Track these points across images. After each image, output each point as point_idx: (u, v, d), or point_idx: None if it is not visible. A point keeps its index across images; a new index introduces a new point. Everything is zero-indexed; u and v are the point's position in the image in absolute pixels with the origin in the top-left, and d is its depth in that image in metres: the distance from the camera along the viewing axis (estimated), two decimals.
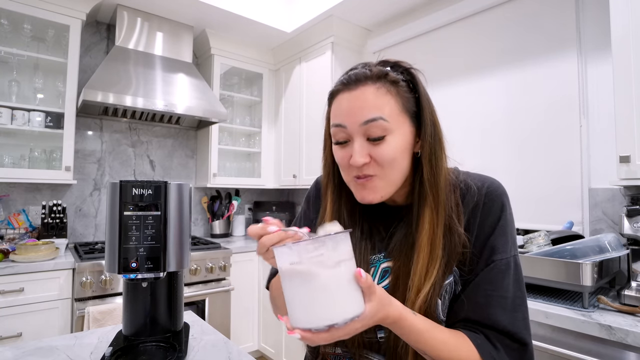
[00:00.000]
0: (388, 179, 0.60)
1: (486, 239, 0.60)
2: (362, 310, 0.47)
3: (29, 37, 2.17)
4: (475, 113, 1.98)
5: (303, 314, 0.46)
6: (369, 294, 0.47)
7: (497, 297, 0.57)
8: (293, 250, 0.46)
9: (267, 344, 2.53)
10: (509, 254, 0.59)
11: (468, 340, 0.56)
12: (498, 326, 0.56)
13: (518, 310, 0.58)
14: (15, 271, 1.72)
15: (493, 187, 0.63)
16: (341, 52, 2.55)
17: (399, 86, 0.60)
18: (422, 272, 0.58)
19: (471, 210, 0.62)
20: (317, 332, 0.45)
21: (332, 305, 0.45)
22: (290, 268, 0.46)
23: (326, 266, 0.45)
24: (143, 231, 0.81)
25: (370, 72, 0.59)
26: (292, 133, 2.86)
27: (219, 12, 2.45)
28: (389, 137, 0.58)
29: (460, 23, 2.08)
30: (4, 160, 2.10)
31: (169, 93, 2.31)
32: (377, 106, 0.57)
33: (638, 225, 1.26)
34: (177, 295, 0.93)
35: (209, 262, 2.25)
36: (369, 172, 0.59)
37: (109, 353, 0.79)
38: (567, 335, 1.11)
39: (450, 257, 0.59)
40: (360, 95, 0.58)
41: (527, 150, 1.77)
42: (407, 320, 0.52)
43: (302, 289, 0.46)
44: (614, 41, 1.29)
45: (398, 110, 0.59)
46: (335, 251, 0.46)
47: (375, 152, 0.58)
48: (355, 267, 0.48)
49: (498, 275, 0.58)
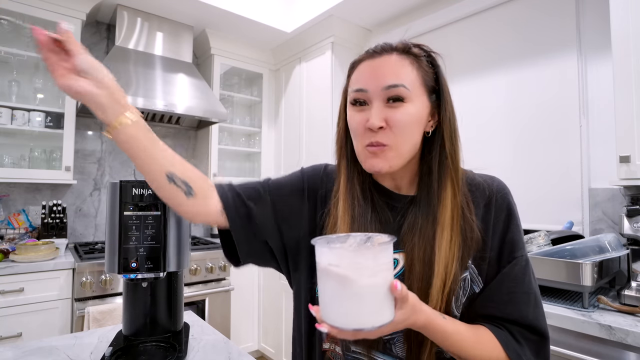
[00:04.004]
0: (399, 149, 0.60)
1: (504, 235, 0.61)
2: (392, 318, 0.47)
3: (29, 37, 2.17)
4: (475, 113, 1.98)
5: (334, 312, 0.47)
6: (401, 302, 0.48)
7: (521, 293, 0.59)
8: (333, 252, 0.46)
9: (267, 344, 2.53)
10: (525, 251, 0.62)
11: (493, 337, 0.57)
12: (524, 322, 0.58)
13: (539, 305, 0.60)
14: (15, 271, 1.72)
15: (501, 184, 0.65)
16: (341, 52, 2.55)
17: (421, 61, 0.61)
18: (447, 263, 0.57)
19: (484, 206, 0.62)
20: (343, 331, 0.46)
21: (363, 312, 0.46)
22: (328, 268, 0.46)
23: (364, 275, 0.45)
24: (143, 231, 0.81)
25: (394, 45, 0.62)
26: (292, 133, 2.86)
27: (219, 12, 2.45)
28: (407, 104, 0.59)
29: (460, 23, 2.08)
30: (4, 160, 2.10)
31: (169, 93, 2.31)
32: (399, 74, 0.59)
33: (638, 225, 1.26)
34: (177, 295, 0.93)
35: (209, 262, 2.25)
36: (382, 140, 0.59)
37: (109, 353, 0.79)
38: (567, 335, 1.11)
39: (464, 251, 0.59)
40: (384, 62, 0.60)
41: (527, 150, 1.77)
42: (436, 324, 0.53)
43: (336, 290, 0.46)
44: (614, 41, 1.29)
45: (418, 82, 0.60)
46: (375, 261, 0.46)
47: (391, 116, 0.59)
48: (392, 277, 0.48)
49: (519, 272, 0.60)
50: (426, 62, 0.62)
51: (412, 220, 0.62)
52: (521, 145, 1.79)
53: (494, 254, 0.61)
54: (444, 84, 0.63)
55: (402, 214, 0.65)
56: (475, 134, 1.97)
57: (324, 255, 0.47)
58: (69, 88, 0.58)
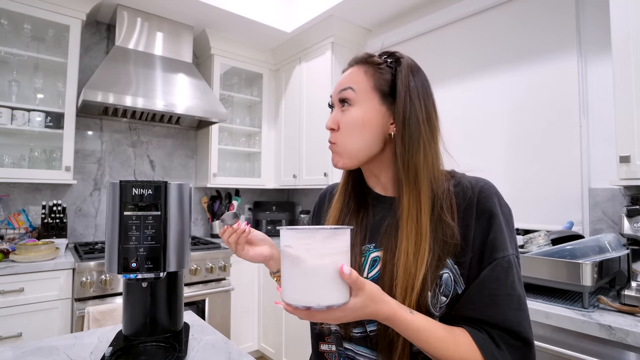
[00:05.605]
0: (343, 146, 0.67)
1: (485, 236, 0.60)
2: (343, 301, 0.50)
3: (29, 37, 2.17)
4: (475, 113, 1.98)
5: (289, 290, 0.51)
6: (356, 289, 0.51)
7: (503, 295, 0.57)
8: (288, 234, 0.52)
9: (267, 344, 2.53)
10: (510, 252, 0.59)
11: (469, 338, 0.56)
12: (504, 325, 0.56)
13: (523, 309, 0.58)
14: (15, 271, 1.72)
15: (487, 186, 0.63)
16: (341, 52, 2.55)
17: (379, 68, 0.66)
18: (408, 263, 0.58)
19: (464, 209, 0.62)
20: (296, 309, 0.50)
21: (311, 290, 0.50)
22: (283, 249, 0.52)
23: (312, 255, 0.50)
24: (143, 231, 0.81)
25: (358, 57, 0.70)
26: (292, 133, 2.86)
27: (219, 12, 2.45)
28: (353, 107, 0.66)
29: (460, 23, 2.08)
30: (4, 160, 2.10)
31: (169, 93, 2.31)
32: (350, 80, 0.67)
33: (638, 225, 1.26)
34: (177, 295, 0.93)
35: (209, 262, 2.25)
36: (331, 139, 0.68)
37: (109, 353, 0.79)
38: (567, 335, 1.11)
39: (442, 250, 0.60)
40: (346, 73, 0.70)
41: (527, 150, 1.77)
42: (402, 318, 0.54)
43: (290, 269, 0.51)
44: (614, 41, 1.29)
45: (368, 86, 0.66)
46: (324, 244, 0.50)
47: (339, 118, 0.67)
48: (345, 263, 0.51)
49: (501, 274, 0.58)
50: (387, 69, 0.66)
51: (389, 222, 0.65)
52: (521, 145, 1.79)
53: (476, 255, 0.60)
54: (401, 89, 0.64)
55: (383, 215, 0.68)
56: (475, 134, 1.97)
57: (283, 239, 0.52)
58: (259, 255, 0.74)
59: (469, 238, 0.60)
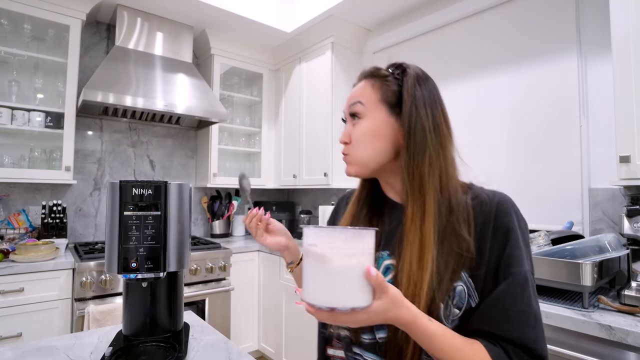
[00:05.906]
0: (354, 156, 0.69)
1: (501, 251, 0.59)
2: (367, 304, 0.49)
3: (29, 37, 2.17)
4: (475, 113, 1.98)
5: (312, 290, 0.50)
6: (380, 292, 0.49)
7: (519, 312, 0.57)
8: (312, 232, 0.50)
9: (267, 344, 2.53)
10: (526, 268, 0.59)
11: (484, 350, 0.55)
12: (520, 342, 0.56)
13: (539, 326, 0.57)
14: (15, 271, 1.72)
15: (504, 200, 0.63)
16: (341, 52, 2.55)
17: (386, 80, 0.68)
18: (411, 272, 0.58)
19: (482, 223, 0.61)
20: (319, 310, 0.48)
21: (335, 291, 0.48)
22: (308, 248, 0.50)
23: (338, 255, 0.48)
24: (143, 231, 0.81)
25: (366, 71, 0.72)
26: (292, 133, 2.86)
27: (219, 12, 2.45)
28: (362, 120, 0.68)
29: (460, 23, 2.08)
30: (4, 160, 2.10)
31: (169, 93, 2.31)
32: (359, 95, 0.70)
33: (638, 225, 1.26)
34: (177, 295, 0.93)
35: (209, 262, 2.25)
36: (344, 151, 0.71)
37: (109, 353, 0.79)
38: (567, 335, 1.11)
39: (457, 263, 0.59)
40: (355, 89, 0.72)
41: (527, 150, 1.77)
42: (421, 324, 0.53)
43: (314, 268, 0.50)
44: (614, 41, 1.29)
45: (376, 99, 0.68)
46: (347, 244, 0.48)
47: (352, 132, 0.70)
48: (370, 265, 0.49)
49: (517, 289, 0.58)
50: (393, 81, 0.68)
51: (401, 229, 0.65)
52: (521, 145, 1.79)
53: (491, 270, 0.59)
54: (407, 99, 0.65)
55: (398, 223, 0.68)
56: (475, 134, 1.97)
57: (306, 238, 0.51)
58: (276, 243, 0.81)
59: (484, 252, 0.60)
